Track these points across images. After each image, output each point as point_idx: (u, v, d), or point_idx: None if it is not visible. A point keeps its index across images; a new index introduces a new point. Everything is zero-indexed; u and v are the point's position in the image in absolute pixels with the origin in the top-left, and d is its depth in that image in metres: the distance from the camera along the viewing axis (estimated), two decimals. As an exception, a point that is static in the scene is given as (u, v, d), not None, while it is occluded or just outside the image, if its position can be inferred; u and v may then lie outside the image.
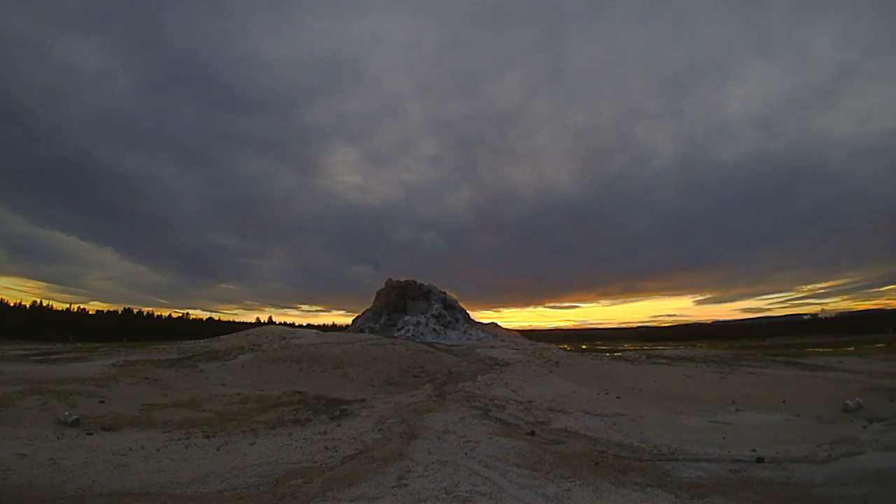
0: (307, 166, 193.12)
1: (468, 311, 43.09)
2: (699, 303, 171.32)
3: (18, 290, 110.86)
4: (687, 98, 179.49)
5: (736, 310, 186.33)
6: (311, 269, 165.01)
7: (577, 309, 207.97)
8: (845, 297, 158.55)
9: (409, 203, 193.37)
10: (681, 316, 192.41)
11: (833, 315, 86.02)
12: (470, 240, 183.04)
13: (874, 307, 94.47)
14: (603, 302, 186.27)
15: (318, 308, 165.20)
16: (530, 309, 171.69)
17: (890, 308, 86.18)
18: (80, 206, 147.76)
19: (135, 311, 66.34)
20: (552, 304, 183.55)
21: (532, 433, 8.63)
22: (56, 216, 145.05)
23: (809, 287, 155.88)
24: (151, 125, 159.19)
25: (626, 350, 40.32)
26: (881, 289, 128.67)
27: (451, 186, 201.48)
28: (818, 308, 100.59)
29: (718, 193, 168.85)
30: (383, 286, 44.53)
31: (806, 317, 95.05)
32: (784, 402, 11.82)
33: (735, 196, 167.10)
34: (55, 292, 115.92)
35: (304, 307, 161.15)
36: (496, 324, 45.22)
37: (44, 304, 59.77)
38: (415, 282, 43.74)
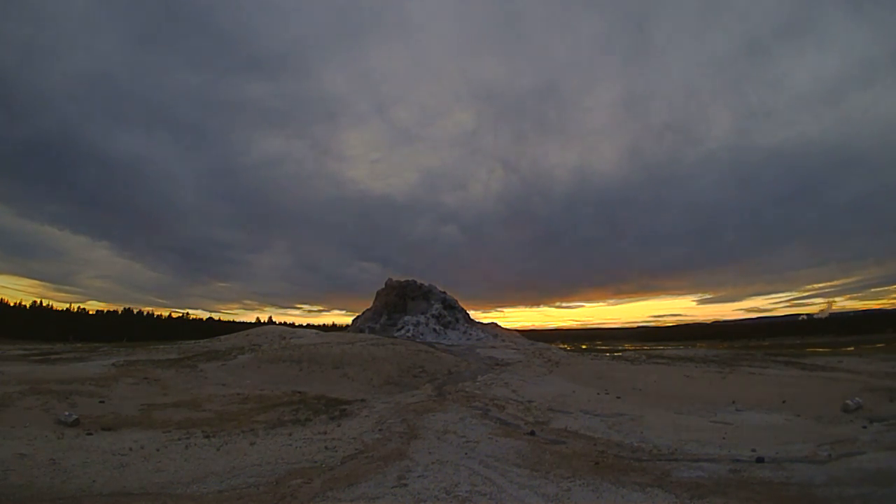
0: (319, 145, 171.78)
1: (472, 311, 43.36)
2: (702, 302, 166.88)
3: (14, 290, 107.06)
4: (759, 66, 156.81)
5: (739, 310, 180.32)
6: (316, 266, 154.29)
7: (581, 309, 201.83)
8: (848, 296, 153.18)
9: (431, 190, 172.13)
10: (685, 316, 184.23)
11: (826, 316, 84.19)
12: (493, 234, 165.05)
13: (875, 307, 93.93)
14: (610, 301, 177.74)
15: (320, 308, 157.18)
16: (535, 309, 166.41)
17: (890, 308, 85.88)
18: (68, 195, 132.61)
19: (135, 311, 66.36)
20: (559, 304, 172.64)
21: (532, 433, 8.62)
22: (44, 207, 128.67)
23: (818, 286, 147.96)
24: (145, 93, 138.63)
25: (626, 350, 40.31)
26: (888, 287, 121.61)
27: (482, 170, 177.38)
28: (817, 308, 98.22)
29: (764, 181, 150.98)
30: (383, 286, 44.63)
31: (801, 317, 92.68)
32: (784, 402, 11.82)
33: (781, 186, 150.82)
34: (51, 291, 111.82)
35: (306, 307, 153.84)
36: (496, 324, 45.29)
37: (44, 304, 59.76)
38: (415, 282, 43.83)
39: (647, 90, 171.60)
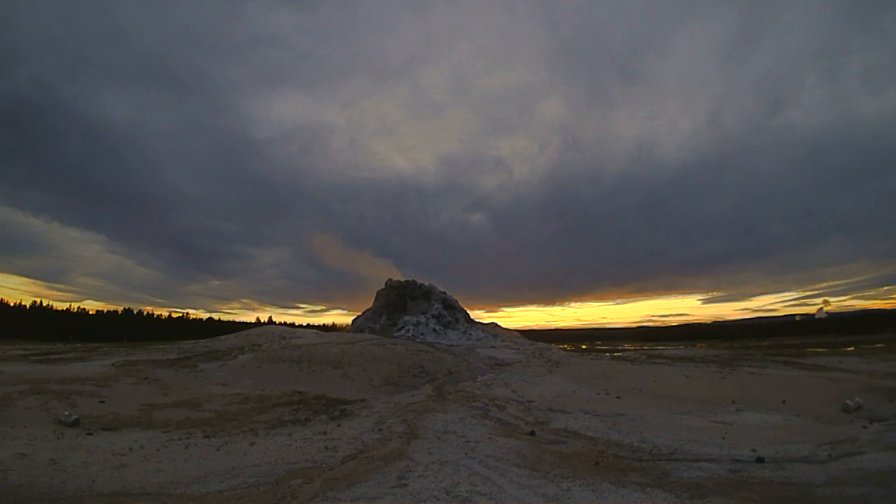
0: (349, 107, 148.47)
1: (475, 311, 43.55)
2: (706, 301, 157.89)
3: (8, 289, 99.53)
4: (876, 17, 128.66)
5: (744, 309, 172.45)
6: (319, 262, 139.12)
7: (585, 308, 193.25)
8: (852, 295, 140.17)
9: (466, 171, 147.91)
10: (690, 315, 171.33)
11: (824, 316, 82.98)
12: (526, 224, 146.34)
13: (875, 307, 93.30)
14: (617, 300, 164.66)
15: (322, 307, 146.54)
16: (545, 308, 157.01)
17: (890, 308, 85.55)
18: (51, 178, 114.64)
19: (134, 311, 66.35)
20: (568, 304, 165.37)
21: (532, 433, 8.62)
22: (24, 193, 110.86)
23: (828, 284, 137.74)
24: (136, 34, 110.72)
25: (626, 350, 40.32)
26: (888, 287, 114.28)
27: (534, 143, 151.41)
28: (815, 308, 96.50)
29: (834, 162, 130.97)
30: (383, 286, 44.71)
31: (797, 318, 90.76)
32: (784, 402, 11.81)
33: (847, 168, 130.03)
34: (45, 290, 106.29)
35: (307, 306, 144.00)
36: (496, 324, 45.34)
37: (44, 304, 59.77)
38: (415, 282, 43.94)
39: (749, 39, 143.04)
